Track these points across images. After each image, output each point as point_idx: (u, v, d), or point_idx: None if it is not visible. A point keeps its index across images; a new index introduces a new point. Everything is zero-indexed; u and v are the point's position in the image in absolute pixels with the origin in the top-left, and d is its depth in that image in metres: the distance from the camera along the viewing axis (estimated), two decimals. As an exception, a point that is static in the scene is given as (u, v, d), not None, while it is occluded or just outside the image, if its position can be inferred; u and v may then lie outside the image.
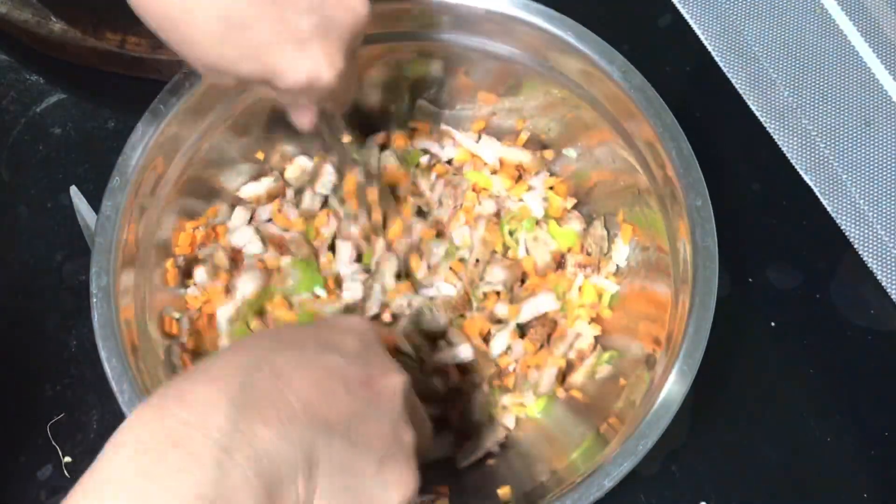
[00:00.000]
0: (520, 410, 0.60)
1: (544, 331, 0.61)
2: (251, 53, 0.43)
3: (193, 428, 0.34)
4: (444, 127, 0.67)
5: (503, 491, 0.55)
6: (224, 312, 0.59)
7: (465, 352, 0.60)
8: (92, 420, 0.61)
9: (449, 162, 0.67)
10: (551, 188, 0.65)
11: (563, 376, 0.60)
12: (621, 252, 0.62)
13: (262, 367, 0.38)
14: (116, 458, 0.34)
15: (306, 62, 0.44)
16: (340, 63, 0.45)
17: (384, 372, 0.42)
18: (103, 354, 0.49)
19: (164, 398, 0.36)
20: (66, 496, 0.34)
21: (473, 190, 0.65)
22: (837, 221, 0.69)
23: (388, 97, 0.65)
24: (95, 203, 0.56)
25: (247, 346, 0.41)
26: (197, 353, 0.58)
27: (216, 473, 0.34)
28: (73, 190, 0.62)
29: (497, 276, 0.62)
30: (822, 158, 0.72)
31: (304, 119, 0.52)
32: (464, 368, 0.60)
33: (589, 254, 0.63)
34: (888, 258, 0.68)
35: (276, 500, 0.35)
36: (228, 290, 0.60)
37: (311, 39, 0.44)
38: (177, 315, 0.57)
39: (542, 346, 0.61)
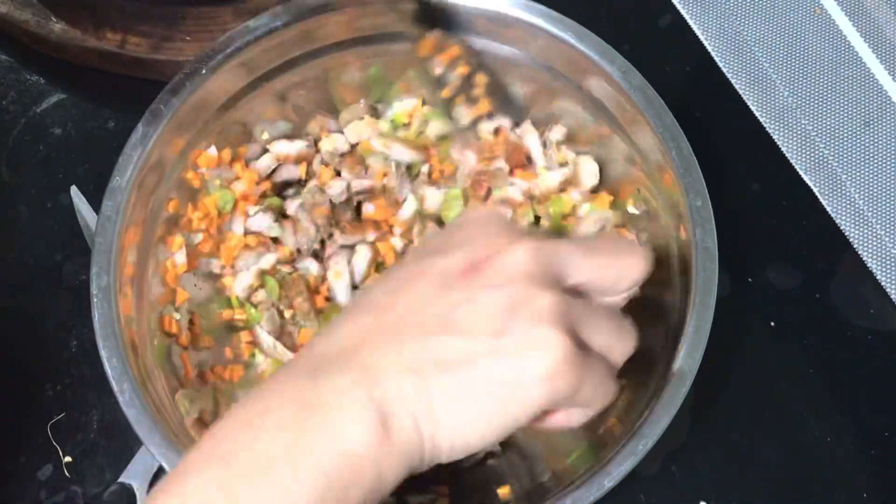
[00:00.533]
0: None
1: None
2: None
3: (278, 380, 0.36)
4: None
5: (503, 490, 0.55)
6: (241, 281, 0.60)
7: None
8: (92, 420, 0.61)
9: None
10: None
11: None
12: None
13: (350, 312, 0.38)
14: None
15: None
16: None
17: (499, 249, 0.36)
18: (104, 354, 0.49)
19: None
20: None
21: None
22: (837, 221, 0.69)
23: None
24: (95, 203, 0.56)
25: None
26: (197, 352, 0.58)
27: (309, 384, 0.35)
28: (74, 190, 0.62)
29: None
30: (821, 159, 0.72)
31: None
32: None
33: None
34: (888, 258, 0.68)
35: (389, 419, 0.34)
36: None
37: None
38: (177, 315, 0.57)
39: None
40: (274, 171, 0.63)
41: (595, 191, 0.63)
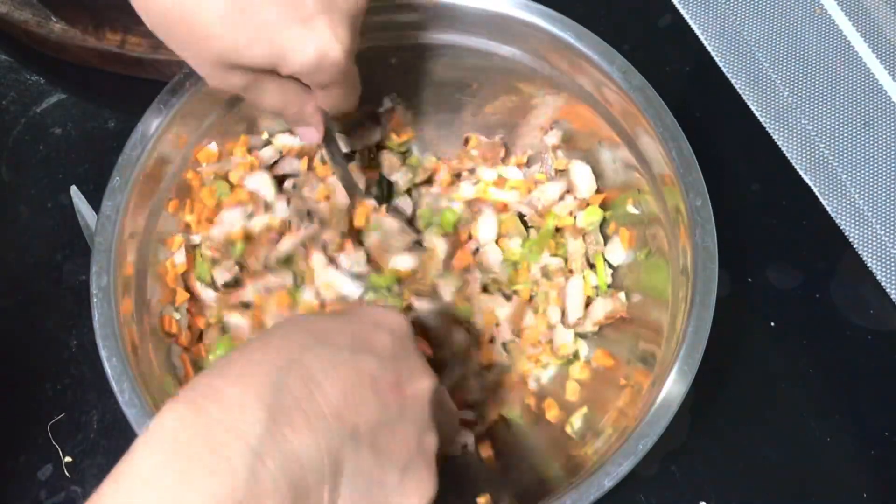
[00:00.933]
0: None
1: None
2: (258, 35, 0.44)
3: (229, 432, 0.35)
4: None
5: (482, 499, 0.55)
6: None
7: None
8: (92, 420, 0.61)
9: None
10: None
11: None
12: (620, 252, 0.62)
13: (292, 367, 0.38)
14: (151, 456, 0.35)
15: (313, 39, 0.44)
16: (346, 39, 0.45)
17: (415, 375, 0.43)
18: (103, 354, 0.49)
19: (197, 394, 0.36)
20: (97, 489, 0.34)
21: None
22: (837, 221, 0.69)
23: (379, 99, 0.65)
24: (95, 203, 0.56)
25: (278, 341, 0.40)
26: (196, 354, 0.58)
27: (249, 480, 0.34)
28: (74, 190, 0.62)
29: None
30: (821, 159, 0.72)
31: (310, 135, 0.53)
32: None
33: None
34: (888, 258, 0.68)
35: None
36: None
37: (316, 16, 0.44)
38: (177, 315, 0.57)
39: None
40: (276, 163, 0.63)
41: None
